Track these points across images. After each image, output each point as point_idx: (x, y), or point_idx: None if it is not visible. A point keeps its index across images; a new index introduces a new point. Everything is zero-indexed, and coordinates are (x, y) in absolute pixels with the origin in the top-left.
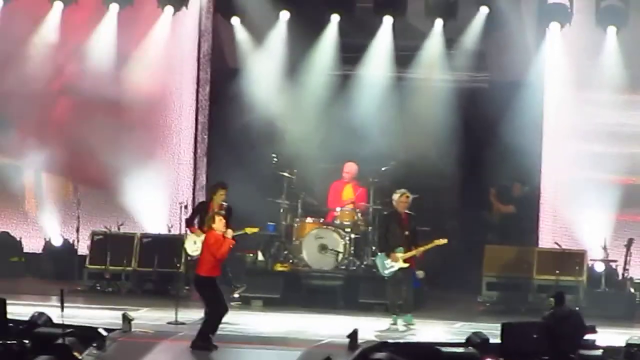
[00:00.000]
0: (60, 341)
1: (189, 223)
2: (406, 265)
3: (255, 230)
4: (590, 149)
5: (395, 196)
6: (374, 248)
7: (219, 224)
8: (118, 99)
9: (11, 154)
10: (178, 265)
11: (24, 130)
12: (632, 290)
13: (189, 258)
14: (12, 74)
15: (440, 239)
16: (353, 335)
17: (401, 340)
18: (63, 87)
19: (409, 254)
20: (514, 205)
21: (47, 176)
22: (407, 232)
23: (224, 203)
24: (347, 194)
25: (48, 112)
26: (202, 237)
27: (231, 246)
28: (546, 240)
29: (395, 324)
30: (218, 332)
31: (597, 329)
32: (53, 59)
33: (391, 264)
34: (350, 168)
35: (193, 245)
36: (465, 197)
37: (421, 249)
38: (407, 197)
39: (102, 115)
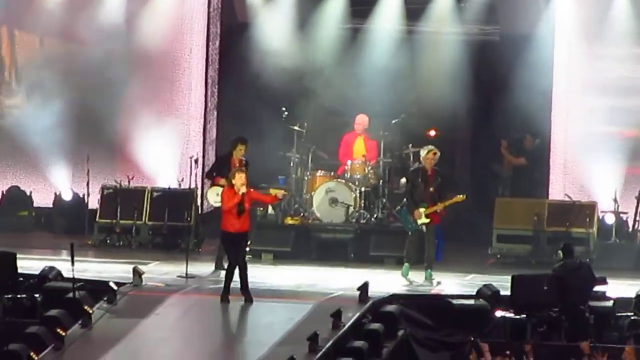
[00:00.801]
0: (70, 295)
1: (209, 176)
2: (428, 220)
3: (281, 192)
4: (601, 102)
5: (423, 152)
6: (384, 201)
7: (238, 180)
8: (128, 54)
9: (21, 110)
10: (188, 219)
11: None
12: None
13: (212, 208)
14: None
15: (459, 196)
16: (363, 288)
17: (412, 293)
18: (74, 42)
19: (430, 210)
20: (525, 158)
21: (57, 129)
22: (431, 189)
23: (242, 158)
24: (358, 147)
25: (58, 67)
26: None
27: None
28: (557, 192)
29: (407, 275)
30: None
31: (608, 281)
32: (64, 14)
33: (414, 219)
34: (362, 120)
35: (216, 196)
36: (477, 150)
37: (440, 205)
38: (435, 153)
39: (112, 71)
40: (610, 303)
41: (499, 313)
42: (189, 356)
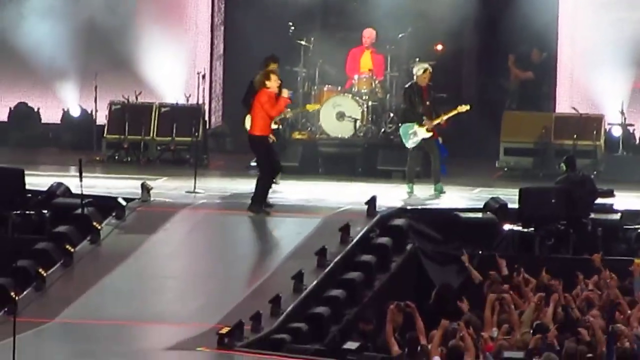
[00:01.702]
0: (79, 211)
1: (246, 103)
2: (429, 134)
3: (317, 107)
4: (608, 14)
5: (419, 72)
6: (391, 115)
7: (273, 82)
8: None
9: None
10: (196, 134)
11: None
12: None
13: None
14: None
15: (463, 106)
16: (371, 202)
17: (420, 207)
18: None
19: (434, 122)
20: (533, 72)
21: (65, 46)
22: (428, 102)
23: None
24: (365, 61)
25: None
26: None
27: (286, 105)
28: (564, 105)
29: (412, 191)
30: (236, 201)
31: (615, 193)
32: None
33: (415, 135)
34: (369, 34)
35: None
36: (484, 64)
37: (444, 116)
38: (430, 72)
39: None
40: (617, 216)
41: (506, 226)
42: (198, 271)
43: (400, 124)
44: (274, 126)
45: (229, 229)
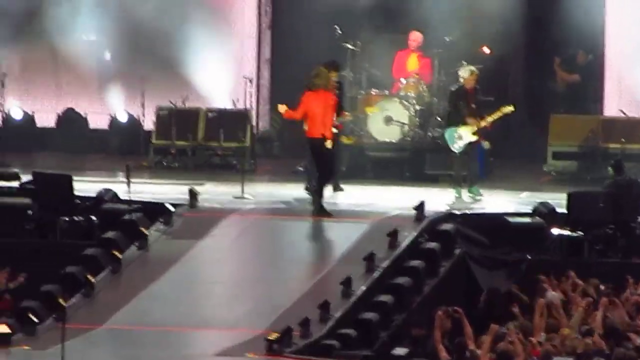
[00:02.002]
0: (127, 217)
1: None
2: (475, 138)
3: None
4: None
5: (465, 74)
6: (438, 119)
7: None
8: None
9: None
10: (243, 139)
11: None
12: None
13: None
14: None
15: (507, 107)
16: (420, 207)
17: (468, 211)
18: None
19: (479, 124)
20: (579, 74)
21: (112, 51)
22: (474, 105)
23: (334, 80)
24: (411, 64)
25: None
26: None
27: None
28: (611, 108)
29: (460, 196)
30: (284, 206)
31: None
32: None
33: (460, 138)
34: (416, 37)
35: None
36: (530, 66)
37: (489, 119)
38: (476, 75)
39: None
40: None
41: (555, 231)
42: (246, 276)
43: (446, 128)
44: (334, 130)
45: (277, 234)
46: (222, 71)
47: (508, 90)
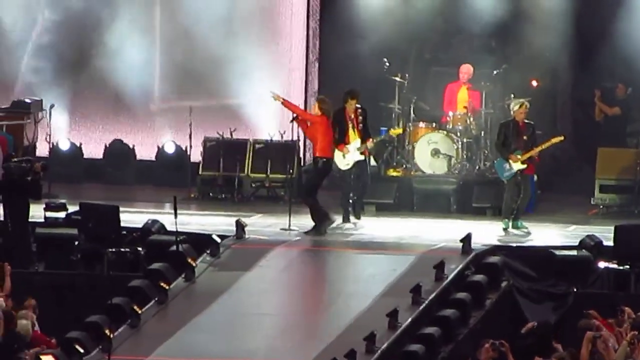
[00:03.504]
0: (174, 248)
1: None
2: (524, 166)
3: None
4: None
5: (515, 107)
6: (486, 152)
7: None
8: (230, 9)
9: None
10: (291, 171)
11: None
12: None
13: (339, 173)
14: None
15: (557, 137)
16: (466, 240)
17: (515, 244)
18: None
19: (527, 155)
20: (619, 107)
21: (160, 83)
22: (525, 137)
23: (358, 107)
24: (462, 96)
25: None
26: (351, 151)
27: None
28: None
29: (507, 228)
30: (331, 239)
31: None
32: None
33: (510, 167)
34: (467, 69)
35: (342, 159)
36: (577, 99)
37: (538, 148)
38: (526, 107)
39: (214, 25)
40: None
41: (602, 264)
42: (292, 308)
43: (495, 160)
44: (360, 157)
45: (323, 266)
46: (270, 103)
47: (556, 123)
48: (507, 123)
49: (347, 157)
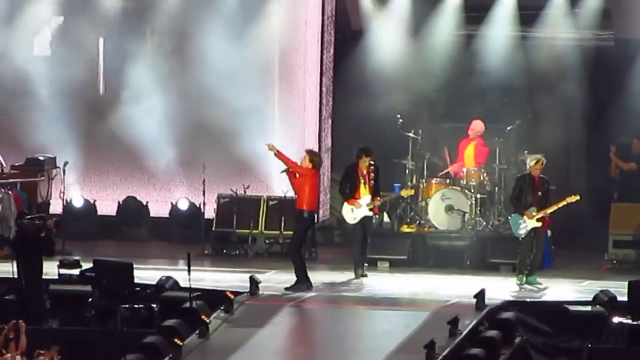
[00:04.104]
0: (187, 305)
1: (343, 194)
2: (539, 224)
3: (411, 192)
4: None
5: (532, 162)
6: (500, 208)
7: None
8: (239, 66)
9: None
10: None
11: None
12: None
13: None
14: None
15: (573, 196)
16: (480, 295)
17: (528, 300)
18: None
19: (542, 213)
20: (635, 162)
21: (172, 140)
22: (540, 193)
23: (371, 164)
24: (468, 152)
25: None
26: (362, 205)
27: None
28: None
29: (522, 284)
30: (345, 294)
31: None
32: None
33: (525, 225)
34: (475, 125)
35: (350, 213)
36: (591, 155)
37: (553, 207)
38: (542, 163)
39: (225, 81)
40: None
41: (616, 319)
42: None
43: (509, 216)
44: (369, 213)
45: (337, 323)
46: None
47: (570, 178)
48: (523, 177)
49: (355, 212)
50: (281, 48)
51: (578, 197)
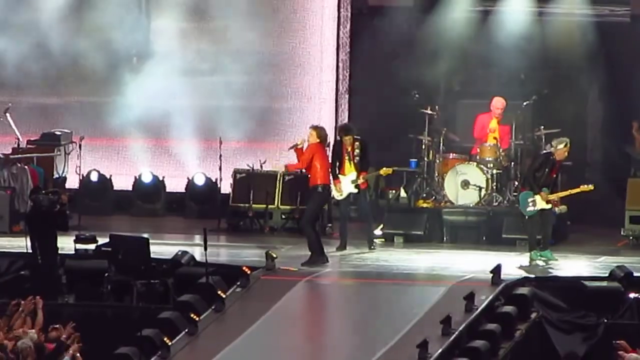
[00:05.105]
0: (203, 280)
1: (332, 172)
2: (548, 207)
3: (389, 171)
4: None
5: (560, 145)
6: (516, 184)
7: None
8: (256, 42)
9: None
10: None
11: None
12: None
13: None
14: None
15: (587, 185)
16: (496, 271)
17: (544, 275)
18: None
19: (554, 196)
20: None
21: (187, 113)
22: (555, 176)
23: (356, 139)
24: (492, 129)
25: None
26: (344, 183)
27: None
28: None
29: (535, 259)
30: (360, 270)
31: None
32: None
33: (534, 204)
34: (501, 104)
35: (336, 191)
36: (608, 131)
37: (565, 193)
38: (568, 148)
39: (241, 56)
40: None
41: (632, 295)
42: (322, 340)
43: (521, 191)
44: (354, 190)
45: (352, 298)
46: (299, 135)
47: (586, 154)
48: (547, 157)
49: (341, 189)
50: (297, 25)
51: (592, 187)
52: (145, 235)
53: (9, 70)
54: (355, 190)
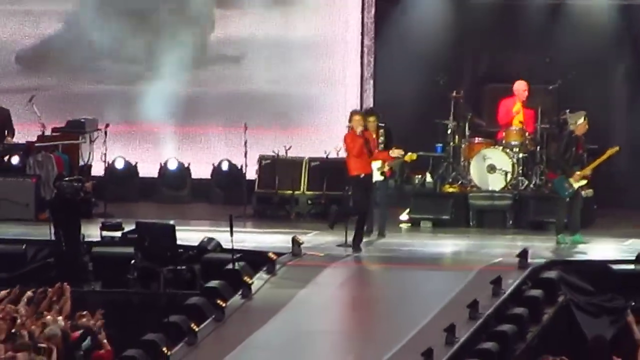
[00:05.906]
0: (230, 266)
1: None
2: (584, 182)
3: (414, 157)
4: None
5: (580, 120)
6: (542, 167)
7: (356, 123)
8: (279, 28)
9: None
10: (347, 188)
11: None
12: None
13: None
14: None
15: (612, 148)
16: (523, 255)
17: (571, 258)
18: None
19: (586, 170)
20: None
21: (214, 100)
22: (581, 151)
23: (381, 126)
24: (517, 112)
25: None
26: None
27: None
28: None
29: (563, 243)
30: (387, 255)
31: None
32: None
33: (571, 185)
34: (525, 87)
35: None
36: (634, 114)
37: (596, 162)
38: (588, 121)
39: (265, 42)
40: None
41: None
42: (349, 325)
43: (552, 172)
44: (380, 177)
45: (380, 283)
46: (325, 120)
47: (612, 138)
48: (570, 136)
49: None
50: (321, 11)
51: (617, 149)
52: (171, 222)
53: (32, 55)
54: (382, 178)
